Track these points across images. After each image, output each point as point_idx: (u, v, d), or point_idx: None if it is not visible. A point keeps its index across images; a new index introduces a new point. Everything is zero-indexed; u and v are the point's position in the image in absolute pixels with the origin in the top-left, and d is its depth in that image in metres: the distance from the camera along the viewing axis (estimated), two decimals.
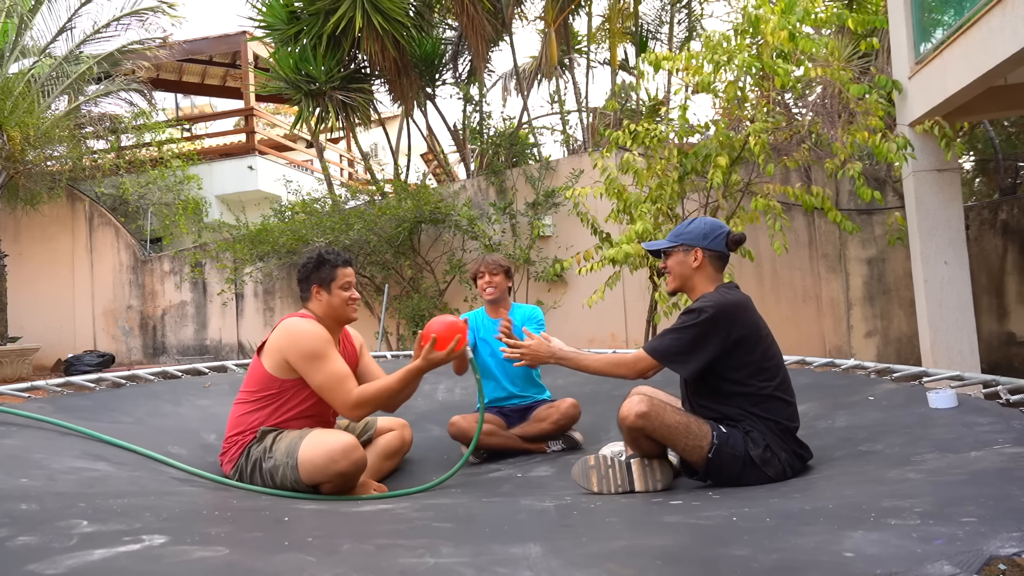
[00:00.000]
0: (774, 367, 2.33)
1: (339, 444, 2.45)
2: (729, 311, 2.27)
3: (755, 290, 7.74)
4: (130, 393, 3.49)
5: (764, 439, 2.23)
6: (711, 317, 2.26)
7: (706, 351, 2.26)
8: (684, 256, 2.46)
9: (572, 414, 3.39)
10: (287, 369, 2.60)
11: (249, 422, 2.62)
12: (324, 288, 2.74)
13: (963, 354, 5.48)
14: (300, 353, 2.57)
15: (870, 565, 1.21)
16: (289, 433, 2.57)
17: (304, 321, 2.66)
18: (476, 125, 10.62)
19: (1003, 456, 1.95)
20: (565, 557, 1.36)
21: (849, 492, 1.88)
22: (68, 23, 9.75)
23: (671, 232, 2.55)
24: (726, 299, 2.31)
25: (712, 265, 2.45)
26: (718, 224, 2.48)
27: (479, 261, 3.66)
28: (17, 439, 2.43)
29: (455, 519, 1.90)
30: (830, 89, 6.21)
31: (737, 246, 2.48)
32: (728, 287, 2.43)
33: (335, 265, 2.76)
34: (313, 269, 2.76)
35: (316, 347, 2.57)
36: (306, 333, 2.61)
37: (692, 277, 2.46)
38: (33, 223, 10.70)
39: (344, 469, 2.43)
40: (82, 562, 1.27)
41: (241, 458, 2.58)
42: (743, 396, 2.28)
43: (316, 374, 2.56)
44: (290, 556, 1.36)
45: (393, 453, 3.07)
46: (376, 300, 8.70)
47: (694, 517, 1.78)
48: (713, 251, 2.44)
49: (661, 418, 2.21)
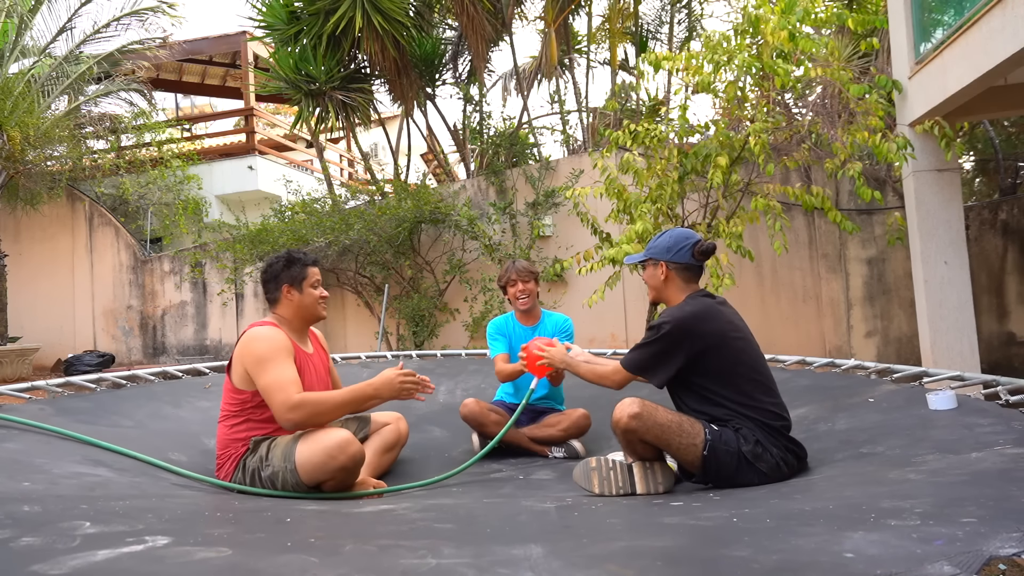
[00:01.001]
0: (749, 368, 2.38)
1: (335, 440, 2.44)
2: (686, 324, 2.35)
3: (755, 290, 7.75)
4: (130, 395, 3.49)
5: (754, 435, 2.27)
6: (668, 332, 2.35)
7: (670, 363, 2.37)
8: (654, 269, 2.57)
9: (582, 424, 3.41)
10: (249, 380, 2.56)
11: (236, 436, 2.60)
12: (295, 287, 2.73)
13: (963, 354, 5.49)
14: (251, 359, 2.53)
15: (870, 566, 1.21)
16: (282, 438, 2.55)
17: (263, 328, 2.63)
18: (476, 125, 10.62)
19: (1003, 457, 1.95)
20: (566, 558, 1.37)
21: (849, 493, 1.89)
22: (68, 23, 9.75)
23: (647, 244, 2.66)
24: (684, 313, 2.39)
25: (680, 276, 2.52)
26: (684, 235, 2.54)
27: (508, 268, 3.59)
28: (18, 443, 2.44)
29: (456, 520, 1.90)
30: (830, 89, 6.21)
31: (706, 256, 2.53)
32: (694, 297, 2.48)
33: (305, 264, 2.76)
34: (283, 268, 2.74)
35: (265, 352, 2.53)
36: (260, 339, 2.57)
37: (663, 289, 2.57)
38: (33, 223, 10.70)
39: (344, 463, 2.43)
40: (85, 562, 1.27)
41: (237, 471, 2.57)
42: (725, 398, 2.34)
43: (261, 377, 2.49)
44: (292, 557, 1.36)
45: (391, 446, 3.07)
46: (376, 300, 8.71)
47: (694, 518, 1.78)
48: (678, 263, 2.51)
49: (654, 417, 2.25)
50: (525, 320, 3.65)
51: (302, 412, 2.44)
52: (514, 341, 3.59)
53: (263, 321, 2.72)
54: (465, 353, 5.11)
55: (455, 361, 4.85)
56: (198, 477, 2.59)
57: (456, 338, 8.52)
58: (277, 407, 2.45)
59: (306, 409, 2.45)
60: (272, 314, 2.80)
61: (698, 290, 2.54)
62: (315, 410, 2.48)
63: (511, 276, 3.57)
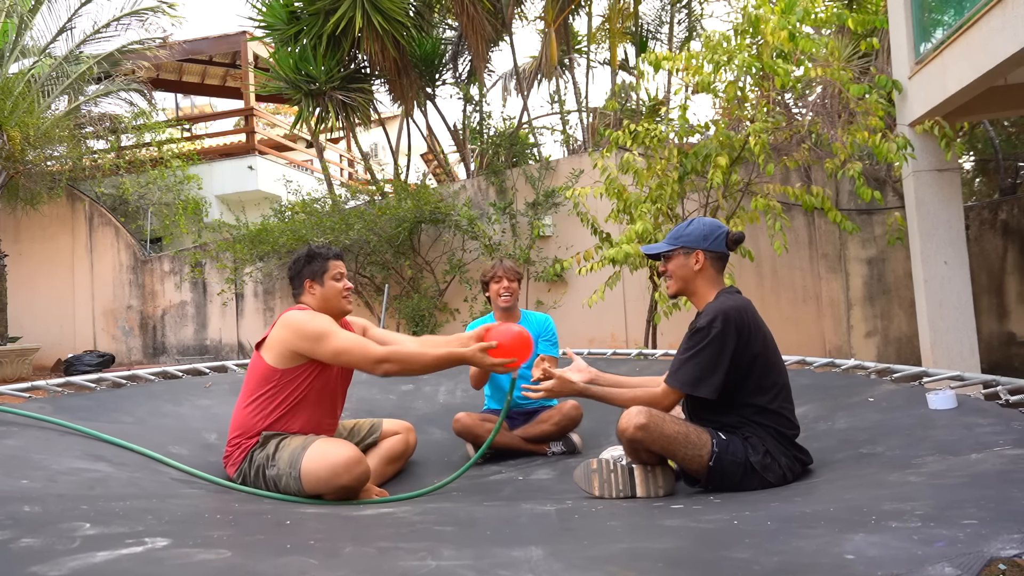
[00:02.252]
0: (775, 372, 2.32)
1: (342, 458, 2.44)
2: (733, 318, 2.24)
3: (755, 290, 7.75)
4: (130, 393, 3.49)
5: (764, 444, 2.22)
6: (721, 331, 2.22)
7: (723, 366, 2.22)
8: (685, 259, 2.41)
9: (574, 415, 3.41)
10: (290, 358, 2.60)
11: (252, 422, 2.62)
12: (317, 281, 2.76)
13: (963, 354, 5.49)
14: (306, 337, 2.57)
15: (871, 567, 1.21)
16: (292, 440, 2.56)
17: (304, 312, 2.68)
18: (476, 125, 10.62)
19: (1003, 458, 1.95)
20: (567, 560, 1.37)
21: (850, 495, 1.88)
22: (68, 23, 9.75)
23: (669, 234, 2.50)
24: (728, 306, 2.27)
25: (713, 267, 2.41)
26: (717, 224, 2.44)
27: (494, 266, 3.62)
28: (17, 439, 2.43)
29: (456, 522, 1.90)
30: (830, 89, 6.21)
31: (737, 245, 2.45)
32: (729, 292, 2.40)
33: (327, 258, 2.78)
34: (304, 264, 2.78)
35: (321, 326, 2.58)
36: (309, 319, 2.62)
37: (694, 280, 2.41)
38: (33, 223, 10.70)
39: (347, 483, 2.44)
40: (85, 564, 1.27)
41: (244, 462, 2.58)
42: (742, 403, 2.27)
43: (329, 346, 2.55)
44: (292, 559, 1.36)
45: (396, 458, 3.06)
46: (376, 300, 8.70)
47: (695, 520, 1.78)
48: (714, 252, 2.40)
49: (660, 429, 2.18)
50: (504, 319, 3.65)
51: (391, 365, 2.55)
52: None
53: (298, 306, 2.76)
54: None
55: None
56: (198, 474, 2.59)
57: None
58: (365, 364, 2.54)
59: (395, 363, 2.55)
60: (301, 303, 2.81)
61: (729, 286, 2.44)
62: (405, 364, 2.58)
63: (497, 273, 3.60)
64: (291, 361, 2.61)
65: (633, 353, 4.68)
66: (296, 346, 2.59)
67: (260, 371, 2.66)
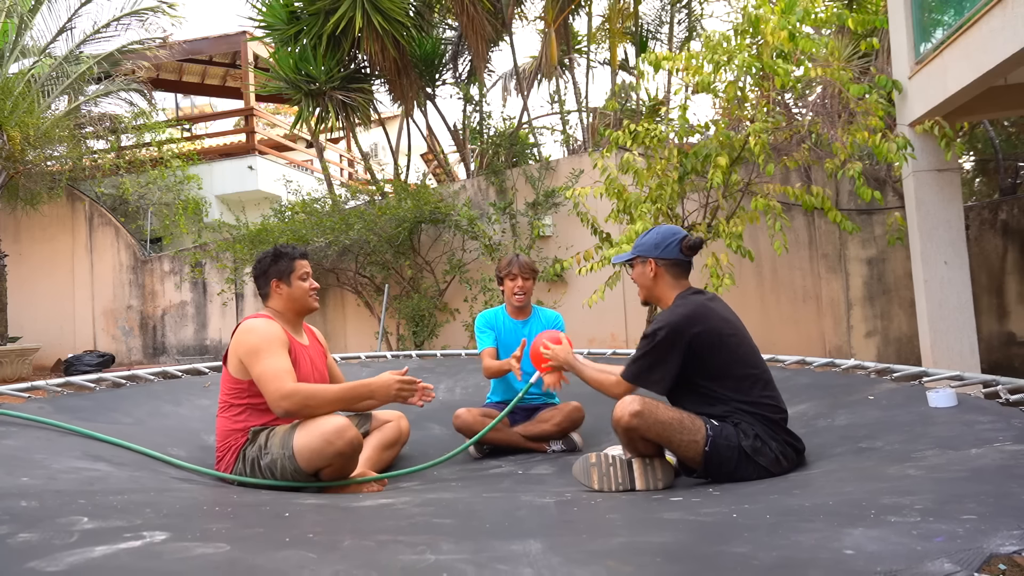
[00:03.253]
0: (747, 364, 2.37)
1: (332, 425, 2.45)
2: (679, 326, 2.33)
3: (755, 290, 7.75)
4: (130, 393, 3.49)
5: (753, 429, 2.27)
6: (663, 338, 2.33)
7: (669, 369, 2.34)
8: (642, 267, 2.53)
9: (575, 417, 3.40)
10: (245, 370, 2.59)
11: (235, 426, 2.62)
12: (283, 281, 2.76)
13: (963, 354, 5.48)
14: (246, 348, 2.56)
15: (870, 562, 1.20)
16: (280, 427, 2.57)
17: (257, 320, 2.66)
18: (476, 125, 10.62)
19: (1003, 454, 1.95)
20: (565, 554, 1.36)
21: (849, 489, 1.88)
22: (68, 23, 9.76)
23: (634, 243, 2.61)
24: (675, 316, 2.36)
25: (670, 273, 2.50)
26: (671, 231, 2.51)
27: (511, 262, 3.56)
28: (17, 440, 2.43)
29: (455, 515, 1.90)
30: (830, 89, 6.21)
31: (693, 251, 2.50)
32: (684, 296, 2.46)
33: (293, 257, 2.78)
34: (271, 263, 2.77)
35: (260, 342, 2.55)
36: (253, 331, 2.60)
37: (653, 288, 2.54)
38: (33, 223, 10.70)
39: (341, 448, 2.44)
40: (83, 559, 1.27)
41: (238, 462, 2.59)
42: (723, 395, 2.33)
43: (255, 366, 2.52)
44: (291, 553, 1.36)
45: (391, 443, 3.07)
46: (376, 300, 8.70)
47: (694, 514, 1.77)
48: (667, 259, 2.48)
49: (655, 415, 2.24)
50: (516, 314, 3.65)
51: (294, 401, 2.45)
52: (503, 335, 3.58)
53: (257, 314, 2.75)
54: (465, 353, 5.11)
55: (455, 361, 4.85)
56: (198, 469, 2.59)
57: (456, 338, 8.52)
58: (271, 395, 2.47)
59: (298, 398, 2.46)
60: (266, 308, 2.81)
61: (688, 288, 2.52)
62: (308, 401, 2.49)
63: (513, 270, 3.54)
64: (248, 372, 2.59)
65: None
66: (240, 357, 2.58)
67: (227, 383, 2.66)
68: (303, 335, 2.87)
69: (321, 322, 9.25)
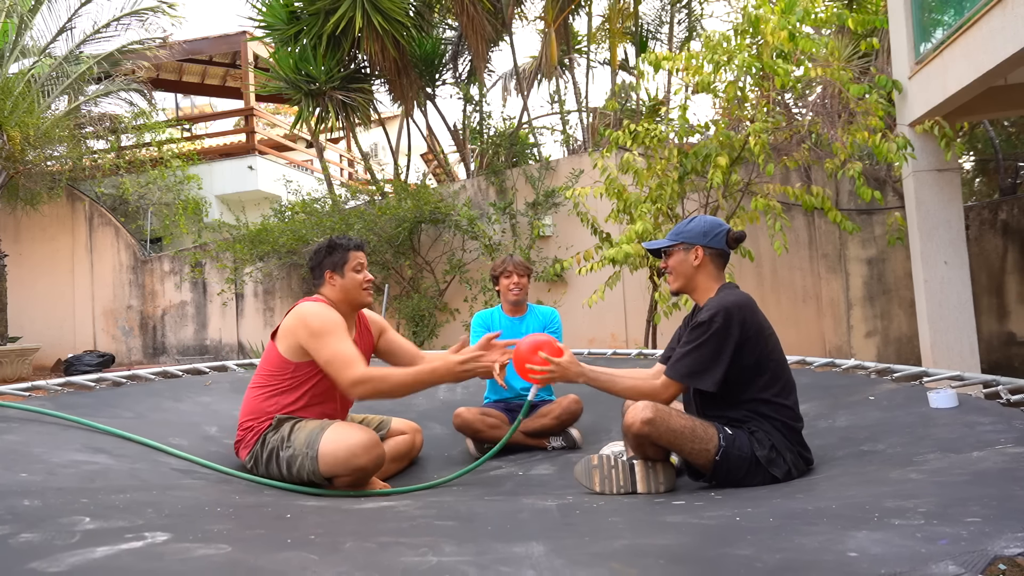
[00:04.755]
0: (778, 366, 2.32)
1: (361, 440, 2.45)
2: (735, 314, 2.24)
3: (755, 290, 7.74)
4: (131, 391, 3.48)
5: (769, 439, 2.22)
6: (721, 326, 2.23)
7: (724, 359, 2.24)
8: (685, 255, 2.43)
9: (574, 409, 3.41)
10: (300, 352, 2.59)
11: (264, 408, 2.61)
12: (337, 272, 2.74)
13: (963, 354, 5.49)
14: (309, 331, 2.56)
15: (874, 565, 1.20)
16: (308, 423, 2.56)
17: (317, 304, 2.67)
18: (476, 125, 10.62)
19: (1005, 456, 1.95)
20: (568, 556, 1.36)
21: (852, 492, 1.88)
22: (68, 23, 9.75)
23: (671, 231, 2.52)
24: (729, 302, 2.28)
25: (713, 263, 2.42)
26: (718, 222, 2.45)
27: (505, 260, 3.65)
28: (16, 434, 2.42)
29: (457, 517, 1.89)
30: (830, 89, 6.21)
31: (738, 243, 2.46)
32: (729, 287, 2.41)
33: (348, 248, 2.77)
34: (325, 254, 2.77)
35: (325, 325, 2.56)
36: (317, 313, 2.61)
37: (694, 276, 2.43)
38: (33, 223, 10.69)
39: (364, 464, 2.44)
40: (84, 560, 1.26)
41: (257, 445, 2.58)
42: (747, 398, 2.27)
43: (323, 350, 2.53)
44: (292, 554, 1.35)
45: (401, 456, 3.06)
46: (376, 300, 8.69)
47: (697, 517, 1.77)
48: (714, 249, 2.41)
49: (667, 423, 2.18)
50: (512, 312, 3.68)
51: (368, 387, 2.49)
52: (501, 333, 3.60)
53: (314, 297, 2.75)
54: None
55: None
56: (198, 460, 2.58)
57: (456, 338, 8.49)
58: (343, 380, 2.49)
59: (371, 385, 2.49)
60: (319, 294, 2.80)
61: (728, 282, 2.45)
62: (380, 387, 2.52)
63: (507, 268, 3.62)
64: (302, 355, 2.60)
65: (633, 353, 4.67)
66: (301, 339, 2.58)
67: (273, 361, 2.65)
68: (354, 328, 2.85)
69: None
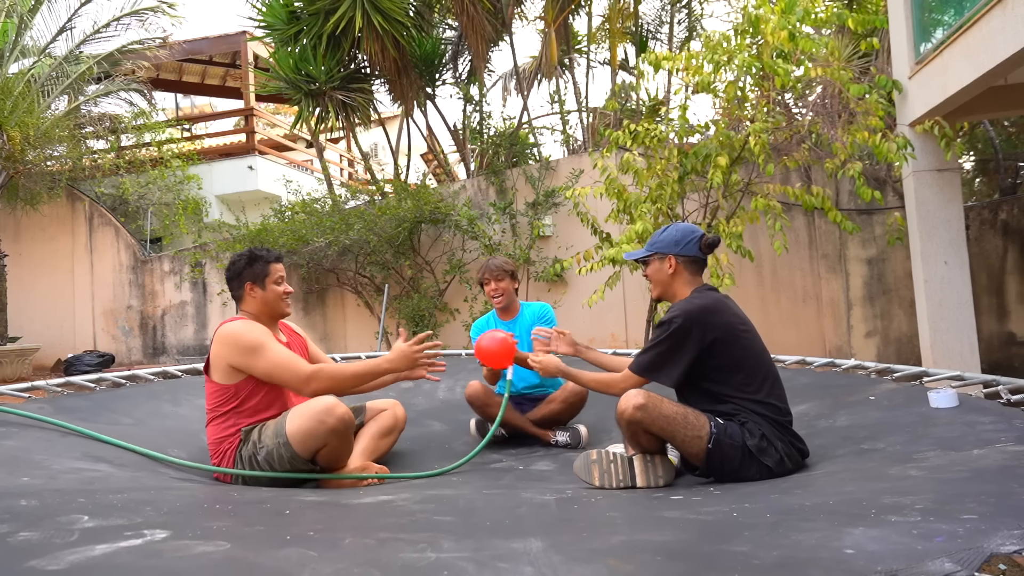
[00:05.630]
0: (754, 363, 2.37)
1: (322, 404, 2.47)
2: (696, 317, 2.34)
3: (755, 290, 7.75)
4: (130, 393, 3.49)
5: (760, 429, 2.26)
6: (680, 327, 2.33)
7: (682, 359, 2.34)
8: (660, 264, 2.55)
9: (581, 391, 3.41)
10: (233, 374, 2.59)
11: (226, 433, 2.62)
12: (258, 284, 2.75)
13: (963, 354, 5.49)
14: (239, 349, 2.55)
15: (871, 562, 1.20)
16: (271, 421, 2.59)
17: (238, 322, 2.66)
18: (476, 125, 10.62)
19: (1005, 454, 1.95)
20: (566, 552, 1.36)
21: (850, 489, 1.88)
22: (68, 23, 9.75)
23: (648, 240, 2.64)
24: (692, 306, 2.37)
25: (688, 270, 2.53)
26: (690, 229, 2.54)
27: (483, 268, 3.64)
28: (18, 440, 2.43)
29: (456, 512, 1.89)
30: (830, 89, 6.21)
31: (711, 249, 2.53)
32: (701, 291, 2.48)
33: (268, 261, 2.77)
34: (245, 266, 2.76)
35: (254, 340, 2.56)
36: (241, 331, 2.60)
37: (671, 284, 2.55)
38: (33, 223, 10.70)
39: (333, 426, 2.45)
40: (83, 557, 1.27)
41: (235, 465, 2.59)
42: (731, 394, 2.33)
43: (260, 363, 2.54)
44: (291, 551, 1.36)
45: (388, 431, 3.06)
46: (376, 300, 8.70)
47: (695, 513, 1.77)
48: (686, 256, 2.51)
49: (659, 409, 2.25)
50: (503, 315, 3.69)
51: (320, 381, 2.53)
52: None
53: (233, 317, 2.75)
54: (465, 352, 5.11)
55: (455, 360, 4.84)
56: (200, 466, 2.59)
57: (456, 338, 8.52)
58: (292, 381, 2.53)
59: (323, 377, 2.54)
60: (240, 311, 2.81)
61: (703, 284, 2.54)
62: (333, 377, 2.56)
63: (486, 275, 3.61)
64: (236, 376, 2.60)
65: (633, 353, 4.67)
66: (233, 360, 2.57)
67: (214, 392, 2.65)
68: (280, 333, 2.87)
69: (321, 322, 9.25)
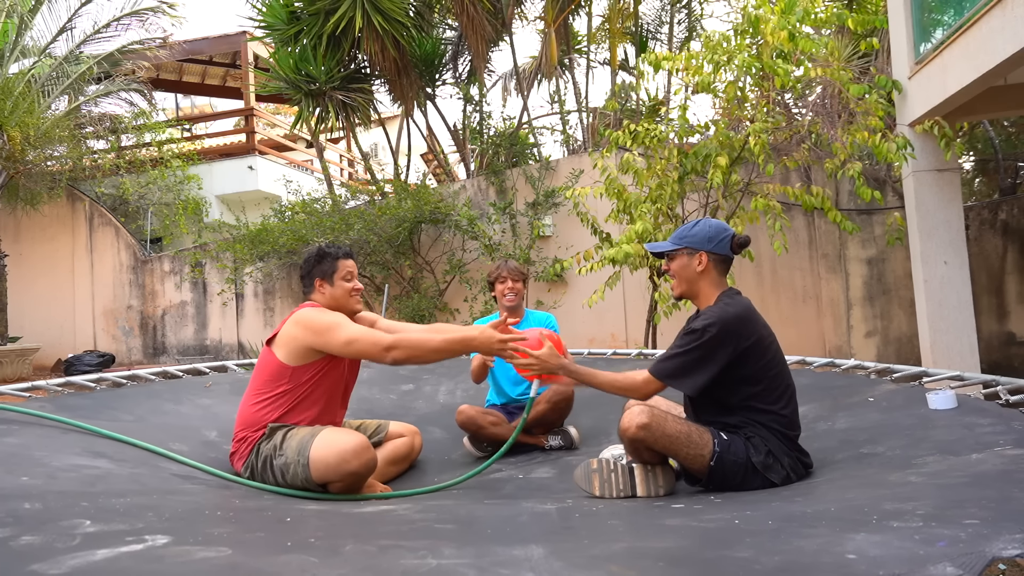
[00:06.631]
0: (776, 375, 2.30)
1: (351, 444, 2.46)
2: (732, 326, 2.22)
3: (755, 290, 7.75)
4: (131, 392, 3.48)
5: (766, 444, 2.21)
6: (715, 336, 2.21)
7: (710, 368, 2.22)
8: (688, 260, 2.39)
9: (565, 391, 3.38)
10: (303, 354, 2.61)
11: (259, 418, 2.62)
12: (327, 281, 2.78)
13: (963, 354, 5.49)
14: (317, 331, 2.59)
15: (873, 567, 1.21)
16: (300, 430, 2.57)
17: (316, 308, 2.72)
18: (476, 125, 10.62)
19: (1004, 458, 1.95)
20: (567, 559, 1.36)
21: (851, 495, 1.88)
22: (68, 23, 9.75)
23: (674, 234, 2.47)
24: (728, 313, 2.25)
25: (716, 269, 2.39)
26: (723, 227, 2.41)
27: (499, 266, 3.66)
28: (17, 437, 2.43)
29: (457, 520, 1.90)
30: (830, 89, 6.21)
31: (742, 248, 2.42)
32: (730, 295, 2.37)
33: (336, 257, 2.80)
34: (315, 263, 2.80)
35: (331, 320, 2.60)
36: (319, 314, 2.65)
37: (697, 282, 2.39)
38: (33, 223, 10.69)
39: (355, 469, 2.45)
40: (85, 562, 1.27)
41: (252, 455, 2.59)
42: (744, 405, 2.26)
43: (338, 337, 2.55)
44: (292, 557, 1.36)
45: (400, 459, 3.07)
46: (376, 300, 8.70)
47: (696, 520, 1.77)
48: (718, 255, 2.38)
49: (662, 428, 2.18)
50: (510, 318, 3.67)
51: (401, 351, 2.52)
52: None
53: (311, 303, 2.79)
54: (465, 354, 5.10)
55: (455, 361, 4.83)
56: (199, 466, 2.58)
57: None
58: (373, 351, 2.52)
59: (404, 348, 2.53)
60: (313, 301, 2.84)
61: (730, 287, 2.43)
62: (413, 350, 2.55)
63: (502, 273, 3.63)
64: (304, 358, 2.63)
65: (633, 353, 4.67)
66: (308, 341, 2.60)
67: (271, 368, 2.66)
68: None
69: None
